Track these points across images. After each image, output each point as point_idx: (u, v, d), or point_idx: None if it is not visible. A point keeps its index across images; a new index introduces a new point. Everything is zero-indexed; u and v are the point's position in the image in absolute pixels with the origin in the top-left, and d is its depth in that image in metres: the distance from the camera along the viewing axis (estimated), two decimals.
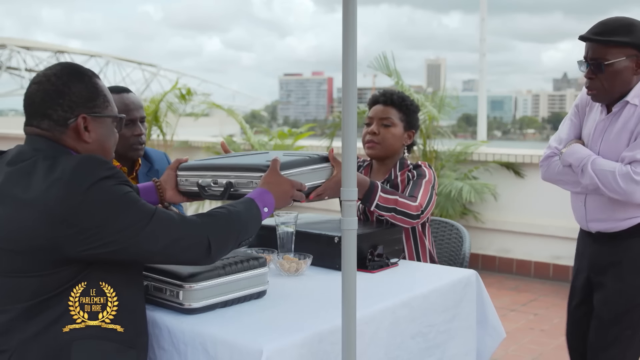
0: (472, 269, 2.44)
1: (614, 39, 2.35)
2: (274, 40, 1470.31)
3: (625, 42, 2.34)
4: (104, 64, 55.96)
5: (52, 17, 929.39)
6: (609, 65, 2.36)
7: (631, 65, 2.37)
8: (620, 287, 2.46)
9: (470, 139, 9.09)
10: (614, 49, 2.35)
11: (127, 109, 2.58)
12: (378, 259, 2.36)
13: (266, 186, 1.97)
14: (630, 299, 2.44)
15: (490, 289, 2.48)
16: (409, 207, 2.48)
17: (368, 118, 2.80)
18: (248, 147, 7.80)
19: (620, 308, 2.46)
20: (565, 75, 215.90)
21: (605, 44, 2.36)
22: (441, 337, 2.15)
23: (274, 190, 1.97)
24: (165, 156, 2.90)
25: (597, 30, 2.40)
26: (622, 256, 2.46)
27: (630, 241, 2.45)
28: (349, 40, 1.63)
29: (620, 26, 2.37)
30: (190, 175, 2.27)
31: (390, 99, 2.78)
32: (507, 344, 4.23)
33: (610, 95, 2.42)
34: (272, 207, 1.94)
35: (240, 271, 1.87)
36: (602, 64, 2.36)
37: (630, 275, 2.45)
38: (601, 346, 2.50)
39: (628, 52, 2.35)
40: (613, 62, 2.35)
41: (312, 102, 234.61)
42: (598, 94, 2.44)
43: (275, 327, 1.74)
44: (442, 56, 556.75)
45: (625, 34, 2.35)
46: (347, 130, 1.66)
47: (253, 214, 1.86)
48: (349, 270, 1.66)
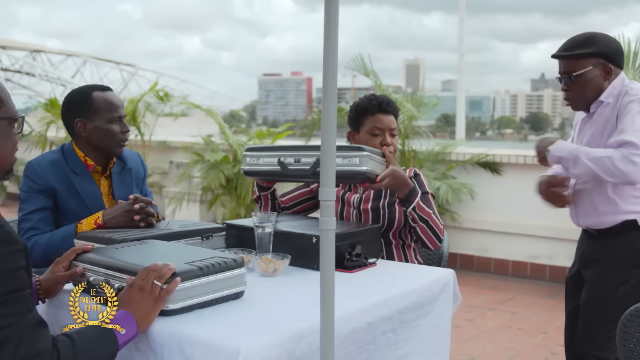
0: (450, 269, 2.45)
1: (578, 52, 2.59)
2: (254, 40, 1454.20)
3: (589, 53, 2.58)
4: (82, 63, 55.46)
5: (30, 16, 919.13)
6: (578, 76, 2.59)
7: (599, 72, 2.59)
8: (599, 283, 2.60)
9: (449, 138, 9.12)
10: (580, 61, 2.59)
11: (114, 106, 2.63)
12: (356, 259, 2.37)
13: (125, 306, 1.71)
14: (607, 294, 2.56)
15: (468, 288, 2.50)
16: (439, 228, 2.66)
17: (376, 128, 2.78)
18: (227, 148, 7.78)
19: (598, 302, 2.59)
20: (543, 76, 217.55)
21: (572, 58, 2.60)
22: (411, 332, 2.15)
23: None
24: (138, 156, 2.89)
25: (564, 47, 2.64)
26: (604, 253, 2.59)
27: (614, 239, 2.57)
28: (330, 40, 1.62)
29: (583, 40, 2.61)
30: (264, 154, 2.50)
31: (393, 108, 2.82)
32: (485, 343, 4.26)
33: (585, 102, 2.63)
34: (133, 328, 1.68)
35: (218, 272, 1.86)
36: (572, 75, 2.60)
37: (609, 272, 2.57)
38: (584, 341, 2.63)
39: (594, 61, 2.58)
40: (581, 72, 2.58)
41: (291, 102, 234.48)
42: (574, 103, 2.67)
43: (253, 327, 1.73)
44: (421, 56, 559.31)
45: (588, 45, 2.59)
46: (326, 129, 1.65)
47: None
48: (327, 270, 1.66)
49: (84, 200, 2.58)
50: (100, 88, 2.68)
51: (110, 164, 2.72)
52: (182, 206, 7.73)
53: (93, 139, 2.62)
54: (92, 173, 2.66)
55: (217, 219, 7.89)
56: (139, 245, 2.10)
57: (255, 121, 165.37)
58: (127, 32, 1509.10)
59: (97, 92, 2.64)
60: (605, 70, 2.58)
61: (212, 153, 7.55)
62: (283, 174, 2.55)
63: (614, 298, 2.55)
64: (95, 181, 2.66)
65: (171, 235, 2.33)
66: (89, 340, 1.59)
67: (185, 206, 7.86)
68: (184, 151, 8.41)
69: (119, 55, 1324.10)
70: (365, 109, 2.81)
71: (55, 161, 2.60)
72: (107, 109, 2.61)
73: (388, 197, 2.77)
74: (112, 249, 2.06)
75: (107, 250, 2.04)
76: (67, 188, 2.57)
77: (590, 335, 2.61)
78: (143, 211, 2.46)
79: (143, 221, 2.46)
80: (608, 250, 2.59)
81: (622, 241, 2.56)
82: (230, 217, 7.34)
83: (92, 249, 2.02)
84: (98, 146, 2.63)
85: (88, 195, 2.59)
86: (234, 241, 2.51)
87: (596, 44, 2.58)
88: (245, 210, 7.36)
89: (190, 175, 7.89)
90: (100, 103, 2.61)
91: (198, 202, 7.97)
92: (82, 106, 2.62)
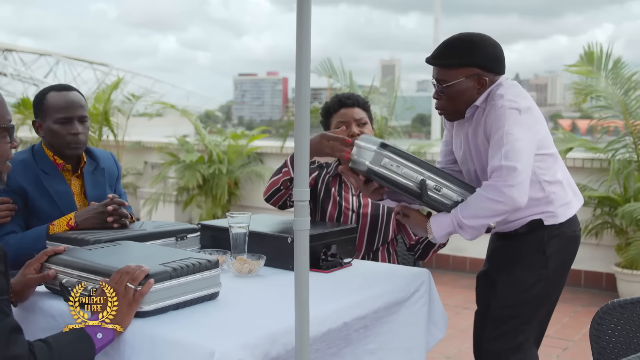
0: (426, 268, 2.46)
1: (449, 61, 2.35)
2: (230, 40, 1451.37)
3: (461, 63, 2.34)
4: (54, 63, 54.85)
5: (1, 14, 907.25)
6: (448, 87, 2.35)
7: (472, 84, 2.35)
8: (510, 283, 2.45)
9: (425, 139, 9.18)
10: (452, 70, 2.34)
11: (64, 107, 2.58)
12: (331, 259, 2.37)
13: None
14: (519, 294, 2.44)
15: (444, 287, 2.52)
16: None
17: (339, 123, 2.79)
18: (202, 148, 7.75)
19: (509, 303, 2.45)
20: (517, 76, 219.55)
21: (444, 67, 2.36)
22: (382, 328, 2.15)
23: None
24: (112, 156, 2.87)
25: (437, 52, 2.40)
26: (513, 255, 2.46)
27: (521, 240, 2.44)
28: (302, 40, 1.62)
29: (459, 45, 2.38)
30: (408, 165, 2.20)
31: (356, 100, 2.83)
32: (460, 341, 4.28)
33: (456, 114, 2.42)
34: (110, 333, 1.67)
35: (192, 273, 1.84)
36: (444, 85, 2.36)
37: (520, 271, 2.44)
38: (489, 339, 2.50)
39: (467, 72, 2.34)
40: (452, 83, 2.34)
41: (267, 102, 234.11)
42: (445, 114, 2.46)
43: (227, 328, 1.72)
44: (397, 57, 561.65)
45: (461, 55, 2.35)
46: (300, 130, 1.65)
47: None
48: (302, 270, 1.65)
49: (55, 199, 2.55)
50: (59, 88, 2.65)
51: (80, 163, 2.69)
52: (157, 207, 7.68)
53: (47, 139, 2.61)
54: (63, 172, 2.63)
55: (193, 219, 7.85)
56: (113, 247, 2.08)
57: (231, 121, 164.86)
58: (102, 31, 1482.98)
59: (53, 92, 2.61)
60: (480, 82, 2.34)
61: (188, 154, 7.51)
62: (415, 194, 2.24)
63: (526, 299, 2.43)
64: (66, 180, 2.63)
65: (145, 236, 2.31)
66: (65, 346, 1.58)
67: (160, 207, 7.81)
68: (158, 152, 8.35)
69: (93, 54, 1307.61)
70: (328, 109, 2.87)
71: (25, 161, 2.57)
72: (56, 109, 2.57)
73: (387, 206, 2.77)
74: (85, 250, 2.03)
75: (80, 251, 2.01)
76: (37, 188, 2.54)
77: (501, 333, 2.46)
78: (116, 212, 2.44)
79: (116, 222, 2.43)
80: (517, 251, 2.45)
81: (530, 242, 2.42)
82: (207, 218, 7.31)
83: (64, 250, 2.00)
84: (54, 147, 2.61)
85: (58, 195, 2.56)
86: (209, 242, 2.50)
87: (471, 53, 2.35)
88: (221, 210, 7.34)
89: (165, 176, 7.85)
90: (51, 103, 2.58)
91: (173, 202, 7.93)
92: (37, 107, 2.63)
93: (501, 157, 2.18)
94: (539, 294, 2.44)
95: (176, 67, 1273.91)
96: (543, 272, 2.43)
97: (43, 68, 54.69)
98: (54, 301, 1.91)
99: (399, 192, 2.28)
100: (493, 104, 2.29)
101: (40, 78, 46.78)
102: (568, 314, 5.04)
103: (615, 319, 2.10)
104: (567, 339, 4.48)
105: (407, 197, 2.29)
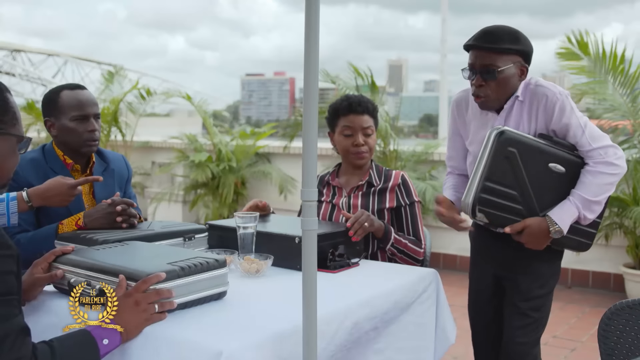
0: (433, 268, 2.45)
1: (505, 46, 2.42)
2: (238, 40, 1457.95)
3: (513, 50, 2.42)
4: (62, 63, 55.05)
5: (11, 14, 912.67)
6: (500, 72, 2.41)
7: (517, 72, 2.45)
8: (529, 278, 2.57)
9: (432, 139, 9.16)
10: (504, 56, 2.42)
11: (79, 104, 2.59)
12: (339, 259, 2.37)
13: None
14: (539, 288, 2.58)
15: (451, 287, 2.51)
16: (416, 252, 2.72)
17: (347, 128, 2.79)
18: (210, 148, 7.75)
19: (530, 297, 2.57)
20: None
21: (496, 52, 2.42)
22: (389, 328, 2.14)
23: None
24: (123, 158, 2.87)
25: (487, 38, 2.45)
26: (529, 264, 2.57)
27: (536, 252, 2.53)
28: (311, 40, 1.62)
29: (506, 34, 2.44)
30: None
31: (366, 107, 2.81)
32: (468, 342, 4.26)
33: (499, 101, 2.48)
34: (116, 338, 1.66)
35: (199, 272, 1.85)
36: (495, 70, 2.41)
37: (537, 266, 2.57)
38: (516, 335, 2.61)
39: (514, 59, 2.43)
40: (504, 68, 2.41)
41: (274, 102, 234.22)
42: (487, 101, 2.48)
43: (235, 328, 1.72)
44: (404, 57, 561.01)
45: (512, 41, 2.43)
46: (308, 130, 1.65)
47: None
48: (310, 270, 1.65)
49: None
50: (71, 87, 2.66)
51: (90, 163, 2.70)
52: (164, 207, 7.69)
53: (61, 138, 2.62)
54: (72, 172, 2.64)
55: (199, 219, 7.86)
56: (121, 247, 2.09)
57: (238, 121, 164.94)
58: (111, 31, 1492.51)
59: (66, 90, 2.63)
60: (522, 70, 2.46)
61: (197, 153, 7.51)
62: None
63: (543, 304, 2.58)
64: None
65: (153, 236, 2.31)
66: (69, 350, 1.57)
67: (167, 207, 7.82)
68: (166, 151, 8.36)
69: (102, 54, 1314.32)
70: (337, 110, 2.84)
71: (35, 159, 2.58)
72: (72, 107, 2.59)
73: (376, 204, 2.77)
74: (93, 250, 2.04)
75: (88, 251, 2.02)
76: None
77: (525, 327, 2.59)
78: (125, 212, 2.44)
79: (125, 222, 2.44)
80: (534, 260, 2.55)
81: (545, 254, 2.53)
82: (213, 218, 7.31)
83: (72, 250, 2.00)
84: (67, 145, 2.62)
85: None
86: (217, 242, 2.50)
87: (521, 42, 2.44)
88: (228, 210, 7.34)
89: (172, 173, 7.85)
90: (66, 101, 2.60)
91: (180, 202, 7.93)
92: (50, 105, 2.63)
93: (589, 142, 2.40)
94: (550, 301, 2.61)
95: (184, 68, 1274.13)
96: (557, 263, 2.61)
97: (51, 68, 54.87)
98: (63, 300, 1.91)
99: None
100: (544, 93, 2.42)
101: (48, 78, 46.95)
102: (576, 315, 5.02)
103: (623, 319, 2.09)
104: (575, 340, 4.46)
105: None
